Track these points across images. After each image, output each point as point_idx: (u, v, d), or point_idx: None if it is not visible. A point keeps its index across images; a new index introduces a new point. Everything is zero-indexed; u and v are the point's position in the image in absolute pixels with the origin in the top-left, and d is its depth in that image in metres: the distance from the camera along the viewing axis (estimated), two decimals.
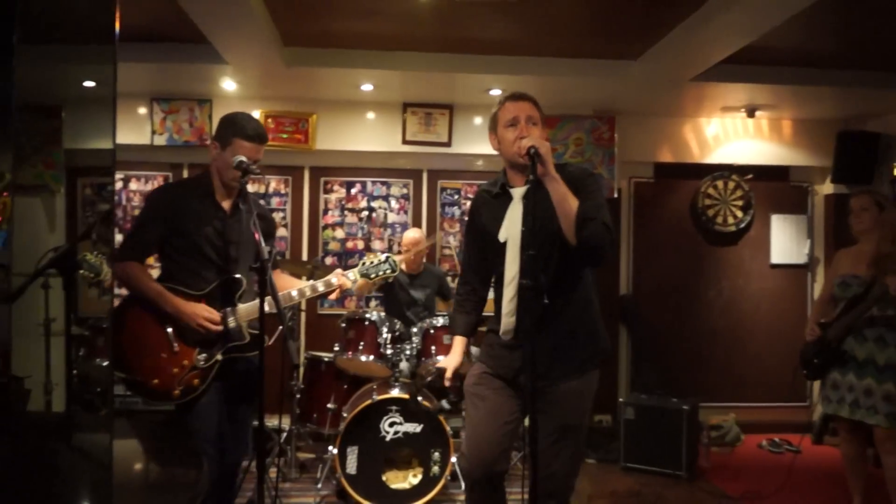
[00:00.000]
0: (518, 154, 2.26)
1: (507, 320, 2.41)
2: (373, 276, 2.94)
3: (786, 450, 5.19)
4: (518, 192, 2.42)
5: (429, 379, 2.51)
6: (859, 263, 3.54)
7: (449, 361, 2.59)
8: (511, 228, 2.40)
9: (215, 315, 2.59)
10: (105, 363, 3.51)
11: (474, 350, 2.83)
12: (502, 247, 2.42)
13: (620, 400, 4.84)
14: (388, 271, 2.92)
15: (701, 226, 5.81)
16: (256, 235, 2.23)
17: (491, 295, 2.64)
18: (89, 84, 3.79)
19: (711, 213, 5.75)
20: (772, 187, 5.89)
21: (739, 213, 5.77)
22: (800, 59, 4.66)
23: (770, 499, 4.10)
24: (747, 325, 5.85)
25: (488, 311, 2.67)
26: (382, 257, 2.92)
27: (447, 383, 2.55)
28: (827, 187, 5.88)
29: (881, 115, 5.48)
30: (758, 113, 5.46)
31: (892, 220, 3.55)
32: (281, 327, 4.43)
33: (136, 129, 5.19)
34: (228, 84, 4.98)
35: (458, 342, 2.67)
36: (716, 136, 5.73)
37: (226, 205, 2.70)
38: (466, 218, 2.70)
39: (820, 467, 4.74)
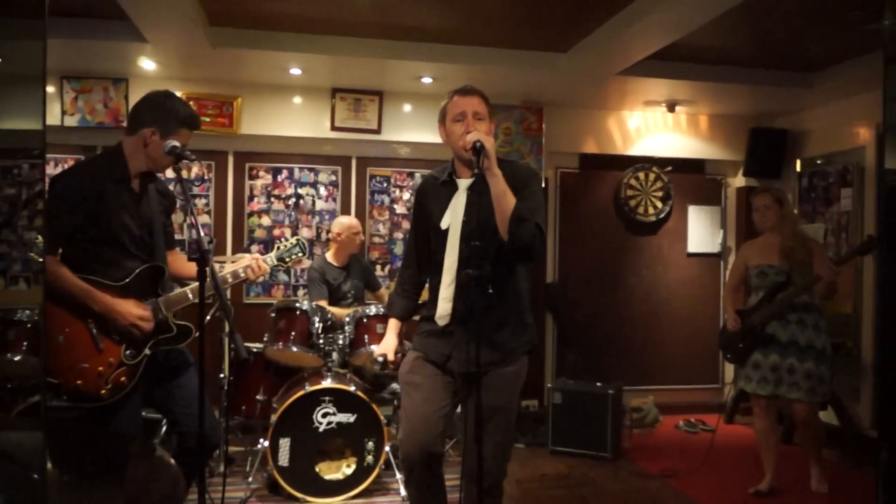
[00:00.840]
0: (464, 148, 2.35)
1: (444, 305, 2.47)
2: (287, 259, 2.99)
3: (701, 429, 5.46)
4: (464, 183, 2.51)
5: (376, 369, 2.54)
6: (770, 254, 3.85)
7: (387, 346, 2.70)
8: (454, 217, 2.47)
9: (148, 314, 2.47)
10: (17, 358, 3.31)
11: (408, 344, 2.91)
12: (444, 234, 2.49)
13: (548, 385, 4.96)
14: (300, 253, 3.00)
15: (623, 215, 6.00)
16: (193, 220, 2.12)
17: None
18: None
19: (633, 203, 5.95)
20: (689, 179, 6.14)
21: (659, 204, 5.99)
22: (718, 58, 4.87)
23: (688, 475, 4.30)
24: (665, 311, 6.10)
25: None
26: (293, 241, 3.00)
27: (392, 366, 2.64)
28: (739, 180, 6.18)
29: (789, 112, 5.82)
30: (678, 108, 5.68)
31: (790, 213, 3.94)
32: (208, 317, 4.30)
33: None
34: (147, 63, 4.74)
35: (393, 324, 2.75)
36: (638, 129, 5.92)
37: (135, 185, 2.57)
38: (413, 202, 2.76)
39: (734, 444, 5.01)
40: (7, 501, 1.49)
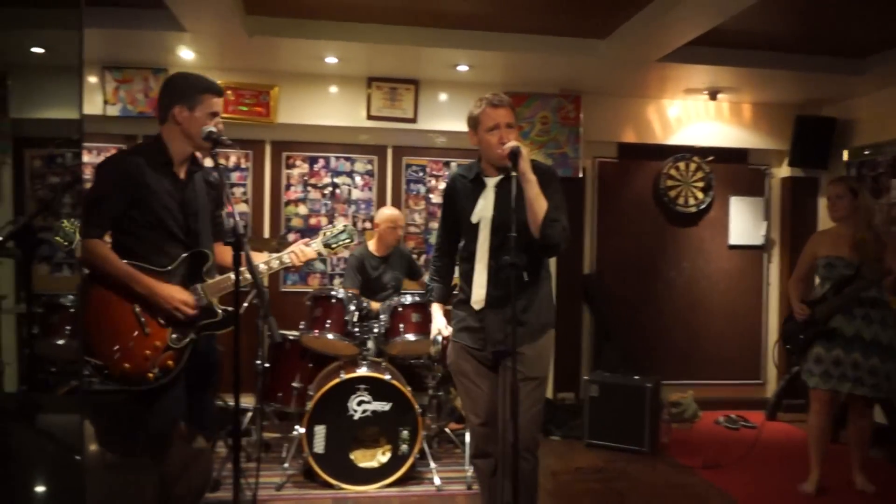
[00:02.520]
0: (501, 157, 2.59)
1: (479, 291, 2.73)
2: (333, 245, 3.00)
3: (741, 426, 5.34)
4: (491, 181, 2.76)
5: (437, 348, 2.94)
6: (840, 246, 3.71)
7: (440, 326, 2.98)
8: (483, 212, 2.74)
9: (191, 298, 2.50)
10: (60, 342, 3.38)
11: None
12: (475, 227, 2.75)
13: (585, 378, 4.89)
14: (347, 240, 3.02)
15: (663, 206, 5.87)
16: (230, 208, 2.14)
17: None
18: (38, 50, 3.55)
19: (673, 193, 5.82)
20: (731, 169, 5.99)
21: (700, 195, 5.85)
22: (763, 43, 4.72)
23: (729, 471, 4.20)
24: (705, 305, 5.96)
25: None
26: (340, 227, 3.01)
27: (447, 341, 2.94)
28: (784, 170, 6.00)
29: (837, 100, 5.62)
30: (720, 96, 5.53)
31: (866, 205, 3.73)
32: (245, 304, 4.34)
33: (86, 98, 4.95)
34: (186, 53, 4.78)
35: (438, 308, 3.04)
36: (678, 118, 5.78)
37: (181, 174, 2.58)
38: (442, 197, 3.02)
39: (776, 442, 4.88)
40: (47, 482, 1.51)
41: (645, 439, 4.55)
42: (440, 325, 2.97)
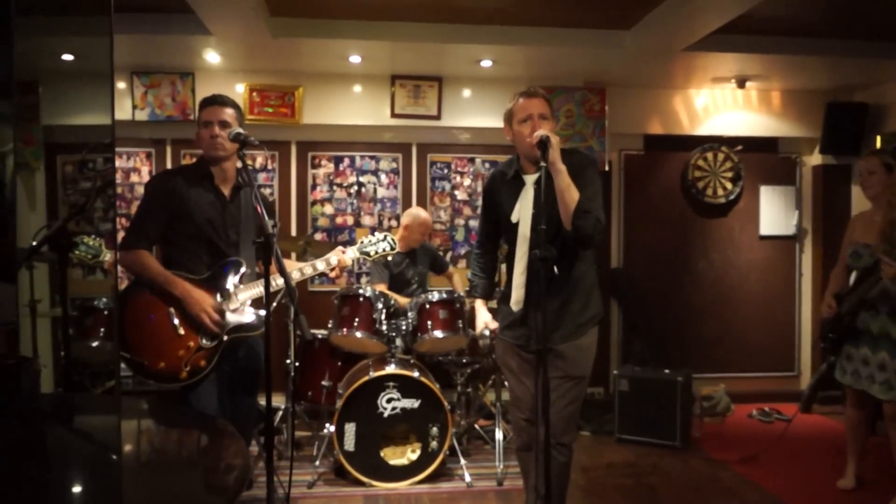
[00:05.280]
0: (531, 145, 2.55)
1: (518, 292, 2.74)
2: (372, 253, 3.10)
3: (776, 419, 5.25)
4: (530, 179, 2.73)
5: (487, 342, 3.10)
6: (871, 231, 3.44)
7: (486, 320, 3.02)
8: (523, 211, 2.72)
9: (216, 306, 2.64)
10: (95, 344, 3.45)
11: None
12: (515, 226, 2.75)
13: (614, 372, 4.85)
14: (387, 248, 3.11)
15: (691, 198, 5.80)
16: (259, 208, 2.19)
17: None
18: (68, 57, 3.62)
19: (701, 184, 5.75)
20: (761, 159, 5.89)
21: (729, 185, 5.77)
22: (791, 29, 4.63)
23: (764, 465, 4.14)
24: (737, 297, 5.88)
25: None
26: (381, 236, 3.11)
27: (493, 333, 2.98)
28: (815, 158, 5.89)
29: (869, 85, 5.49)
30: (748, 84, 5.44)
31: None
32: (275, 304, 4.39)
33: (115, 103, 5.01)
34: (212, 56, 4.83)
35: (481, 304, 3.07)
36: (706, 108, 5.70)
37: (225, 190, 2.77)
38: (482, 193, 3.02)
39: (812, 435, 4.80)
40: (84, 481, 1.53)
41: (676, 434, 4.50)
42: (486, 318, 3.00)
